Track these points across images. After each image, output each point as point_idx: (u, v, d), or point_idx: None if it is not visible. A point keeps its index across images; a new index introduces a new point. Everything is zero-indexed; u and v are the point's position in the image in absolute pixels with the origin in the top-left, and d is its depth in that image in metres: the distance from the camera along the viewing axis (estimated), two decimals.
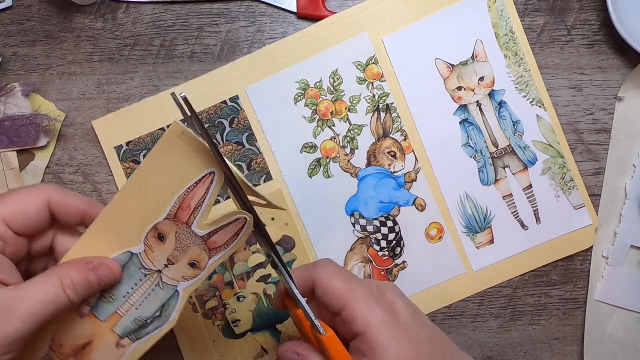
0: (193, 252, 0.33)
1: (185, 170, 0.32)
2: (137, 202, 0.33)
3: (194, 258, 0.34)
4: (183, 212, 0.33)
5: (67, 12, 0.50)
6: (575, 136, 0.50)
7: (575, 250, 0.50)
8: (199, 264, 0.34)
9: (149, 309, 0.34)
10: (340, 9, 0.49)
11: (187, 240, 0.33)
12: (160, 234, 0.33)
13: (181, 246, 0.33)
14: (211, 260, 0.34)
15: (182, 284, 0.34)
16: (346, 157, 0.49)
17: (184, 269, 0.34)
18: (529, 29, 0.49)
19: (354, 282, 0.34)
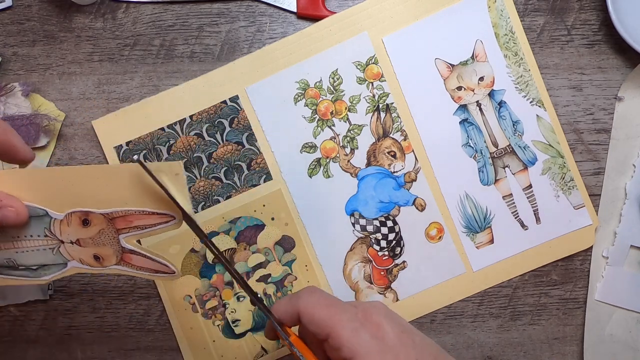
0: (105, 251, 0.34)
1: (148, 201, 0.33)
2: (87, 187, 0.33)
3: (102, 255, 0.34)
4: (121, 223, 0.33)
5: (67, 12, 0.50)
6: (575, 136, 0.50)
7: (575, 250, 0.50)
8: (103, 261, 0.34)
9: (28, 260, 0.34)
10: (340, 9, 0.49)
11: (107, 241, 0.34)
12: (86, 220, 0.33)
13: (98, 241, 0.34)
14: (117, 266, 0.34)
15: (76, 263, 0.34)
16: (346, 157, 0.49)
17: (86, 255, 0.34)
18: (529, 29, 0.49)
19: (338, 309, 0.34)
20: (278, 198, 0.49)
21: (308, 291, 0.36)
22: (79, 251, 0.34)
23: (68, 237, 0.34)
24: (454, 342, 0.50)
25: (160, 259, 0.35)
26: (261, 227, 0.49)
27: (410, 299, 0.49)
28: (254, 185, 0.49)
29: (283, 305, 0.35)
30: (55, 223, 0.34)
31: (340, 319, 0.33)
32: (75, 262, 0.34)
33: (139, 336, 0.50)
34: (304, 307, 0.34)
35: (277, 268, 0.49)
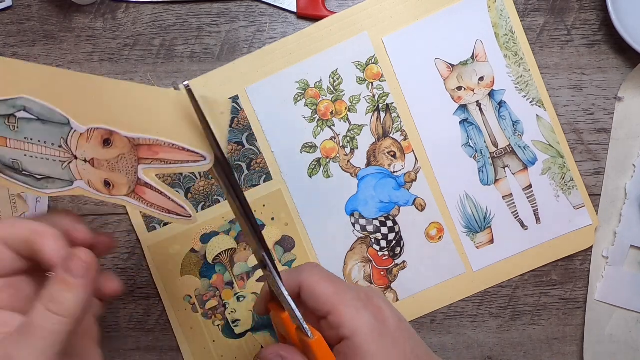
0: (118, 178, 0.31)
1: (182, 134, 0.30)
2: (118, 104, 0.30)
3: (114, 181, 0.31)
4: (145, 152, 0.30)
5: (67, 12, 0.50)
6: (575, 136, 0.50)
7: (575, 250, 0.50)
8: (112, 189, 0.31)
9: (35, 167, 0.31)
10: (340, 9, 0.49)
11: (124, 168, 0.31)
12: (108, 140, 0.30)
13: (114, 165, 0.31)
14: (126, 198, 0.31)
15: (83, 184, 0.31)
16: (346, 157, 0.49)
17: (97, 178, 0.31)
18: (529, 29, 0.49)
19: (342, 287, 0.33)
20: (278, 198, 0.49)
21: (310, 266, 0.35)
22: (90, 172, 0.31)
23: (83, 154, 0.31)
24: (454, 342, 0.50)
25: (178, 199, 0.32)
26: (261, 227, 0.49)
27: (410, 299, 0.49)
28: (254, 185, 0.49)
29: (284, 278, 0.34)
30: (74, 135, 0.30)
31: (343, 297, 0.33)
32: (83, 183, 0.31)
33: (139, 336, 0.50)
34: (306, 281, 0.33)
35: None
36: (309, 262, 0.36)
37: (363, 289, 0.35)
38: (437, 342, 0.50)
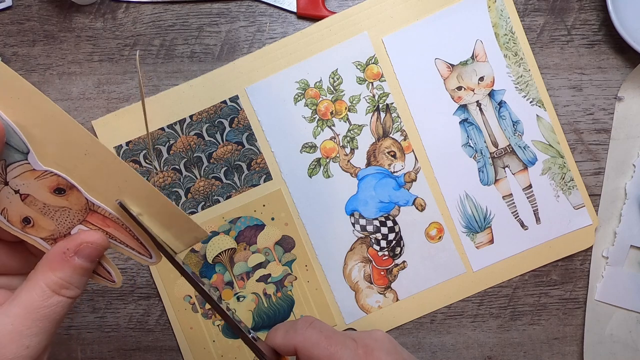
0: (46, 223, 0.29)
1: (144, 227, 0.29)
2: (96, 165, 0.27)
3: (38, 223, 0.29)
4: (96, 219, 0.29)
5: (67, 12, 0.50)
6: (575, 136, 0.50)
7: (575, 250, 0.50)
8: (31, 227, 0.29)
9: None
10: (340, 9, 0.49)
11: (60, 219, 0.29)
12: (62, 190, 0.28)
13: (50, 212, 0.28)
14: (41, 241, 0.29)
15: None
16: (346, 157, 0.49)
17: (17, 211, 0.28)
18: (529, 29, 0.49)
19: (337, 346, 0.32)
20: (278, 198, 0.49)
21: (305, 323, 0.34)
22: (14, 204, 0.28)
23: (19, 185, 0.27)
24: (454, 342, 0.50)
25: (106, 263, 0.30)
26: (261, 227, 0.49)
27: (410, 299, 0.49)
28: (254, 185, 0.49)
29: (280, 338, 0.34)
30: (22, 166, 0.27)
31: (339, 359, 0.32)
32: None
33: (139, 336, 0.50)
34: (301, 344, 0.33)
35: (277, 268, 0.49)
36: (304, 318, 0.35)
37: (362, 340, 0.34)
38: (437, 342, 0.50)
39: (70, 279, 0.28)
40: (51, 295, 0.27)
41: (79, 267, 0.28)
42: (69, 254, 0.28)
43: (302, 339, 0.33)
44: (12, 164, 0.27)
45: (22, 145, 0.27)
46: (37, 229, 0.29)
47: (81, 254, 0.28)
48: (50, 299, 0.27)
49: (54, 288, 0.28)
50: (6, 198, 0.28)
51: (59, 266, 0.28)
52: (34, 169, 0.27)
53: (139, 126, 0.49)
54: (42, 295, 0.27)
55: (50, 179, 0.27)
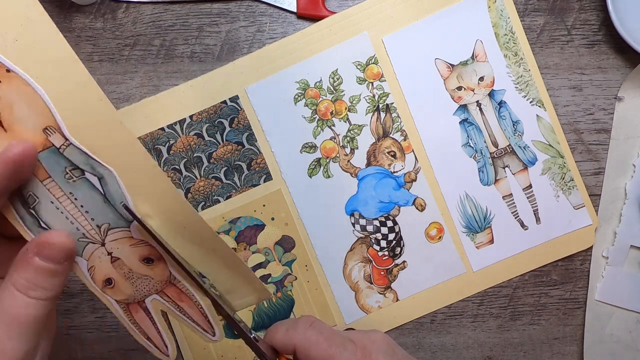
0: (125, 287, 0.30)
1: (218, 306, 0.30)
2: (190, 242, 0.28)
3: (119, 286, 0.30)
4: (171, 292, 0.30)
5: (67, 12, 0.50)
6: (575, 136, 0.50)
7: (575, 250, 0.50)
8: (111, 288, 0.30)
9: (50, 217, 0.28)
10: (340, 9, 0.49)
11: (139, 286, 0.29)
12: (150, 260, 0.29)
13: (132, 277, 0.29)
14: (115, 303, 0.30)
15: (82, 264, 0.29)
16: (346, 157, 0.49)
17: (102, 272, 0.29)
18: (529, 29, 0.49)
19: (336, 347, 0.32)
20: (278, 198, 0.49)
21: (306, 323, 0.34)
22: (103, 264, 0.29)
23: (114, 248, 0.28)
24: (454, 342, 0.50)
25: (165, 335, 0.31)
26: (261, 227, 0.49)
27: (410, 299, 0.49)
28: (254, 185, 0.49)
29: (280, 336, 0.34)
30: (122, 232, 0.28)
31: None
32: (84, 264, 0.29)
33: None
34: (300, 344, 0.33)
35: (277, 268, 0.49)
36: (305, 317, 0.35)
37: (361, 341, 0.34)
38: (437, 342, 0.50)
39: (34, 280, 0.27)
40: (20, 296, 0.27)
41: (42, 268, 0.27)
42: (29, 254, 0.27)
43: (302, 338, 0.33)
44: (114, 228, 0.28)
45: (127, 214, 0.28)
46: (115, 291, 0.29)
47: (42, 255, 0.27)
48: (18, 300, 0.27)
49: (20, 289, 0.27)
50: (98, 258, 0.29)
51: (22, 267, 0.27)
52: (132, 237, 0.28)
53: (139, 126, 0.49)
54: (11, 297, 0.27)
55: (143, 248, 0.28)
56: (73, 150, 0.26)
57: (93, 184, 0.27)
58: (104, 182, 0.27)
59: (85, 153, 0.26)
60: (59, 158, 0.26)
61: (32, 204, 0.27)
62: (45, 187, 0.27)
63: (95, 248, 0.28)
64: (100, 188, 0.27)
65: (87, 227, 0.28)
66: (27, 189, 0.27)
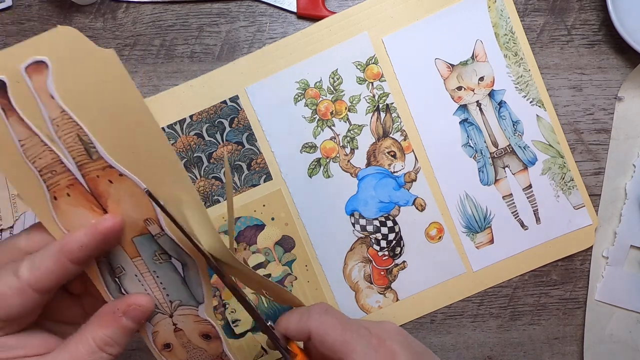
0: (181, 353, 0.33)
1: None
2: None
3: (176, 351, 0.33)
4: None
5: (67, 12, 0.50)
6: (575, 136, 0.50)
7: (575, 250, 0.50)
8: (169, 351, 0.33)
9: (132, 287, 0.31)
10: (340, 9, 0.49)
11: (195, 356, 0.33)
12: (208, 336, 0.32)
13: (189, 348, 0.33)
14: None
15: (148, 329, 0.32)
16: (346, 157, 0.49)
17: (164, 338, 0.32)
18: (529, 29, 0.49)
19: (352, 333, 0.33)
20: (278, 198, 0.49)
21: (319, 310, 0.34)
22: (166, 332, 0.32)
23: (180, 321, 0.31)
24: (454, 342, 0.50)
25: None
26: (261, 227, 0.49)
27: (410, 299, 0.49)
28: (254, 185, 0.49)
29: (293, 323, 0.34)
30: (190, 309, 0.31)
31: (353, 345, 0.32)
32: (150, 328, 0.32)
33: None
34: (315, 328, 0.33)
35: (277, 268, 0.49)
36: (319, 304, 0.35)
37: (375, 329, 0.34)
38: (437, 342, 0.50)
39: (115, 337, 0.29)
40: (96, 350, 0.29)
41: (125, 327, 0.29)
42: (118, 313, 0.29)
43: (317, 324, 0.33)
44: (184, 306, 0.31)
45: (201, 297, 0.31)
46: (171, 355, 0.32)
47: (129, 315, 0.29)
48: (94, 354, 0.29)
49: (100, 344, 0.29)
50: (163, 326, 0.32)
51: (108, 324, 0.29)
52: (197, 315, 0.31)
53: None
54: (88, 350, 0.28)
55: (205, 326, 0.32)
56: (166, 239, 0.29)
57: (176, 267, 0.30)
58: (186, 268, 0.31)
59: (176, 243, 0.29)
60: (152, 243, 0.29)
61: (118, 274, 0.30)
62: (133, 263, 0.30)
63: (163, 318, 0.32)
64: (182, 272, 0.31)
65: (161, 301, 0.31)
66: (117, 261, 0.30)
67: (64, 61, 0.24)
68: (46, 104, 0.25)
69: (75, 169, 0.27)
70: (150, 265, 0.30)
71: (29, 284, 0.27)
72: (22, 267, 0.27)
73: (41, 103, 0.25)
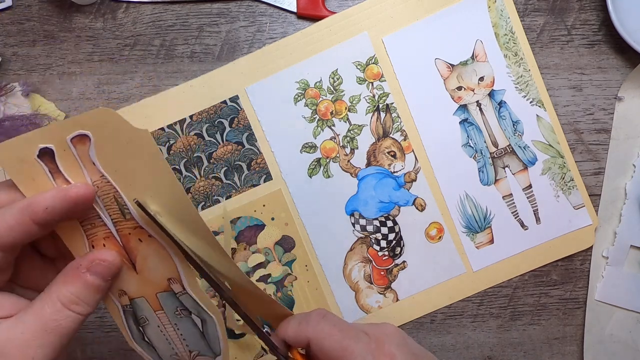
0: None
1: None
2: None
3: None
4: None
5: (67, 12, 0.50)
6: (575, 136, 0.50)
7: (575, 250, 0.50)
8: None
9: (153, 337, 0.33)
10: (340, 9, 0.49)
11: None
12: None
13: None
14: None
15: None
16: (346, 157, 0.49)
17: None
18: (529, 29, 0.49)
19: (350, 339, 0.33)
20: (278, 198, 0.49)
21: (318, 316, 0.34)
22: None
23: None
24: (454, 342, 0.50)
25: None
26: (261, 227, 0.49)
27: (410, 299, 0.49)
28: (254, 185, 0.49)
29: (292, 330, 0.34)
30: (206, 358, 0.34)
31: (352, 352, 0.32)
32: None
33: None
34: (314, 335, 0.33)
35: (277, 268, 0.49)
36: (317, 310, 0.35)
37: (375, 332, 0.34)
38: (437, 342, 0.50)
39: (80, 295, 0.29)
40: (61, 309, 0.28)
41: (90, 284, 0.29)
42: (81, 269, 0.29)
43: (316, 331, 0.33)
44: (202, 356, 0.34)
45: (218, 350, 0.34)
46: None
47: (93, 271, 0.29)
48: (60, 312, 0.28)
49: (65, 302, 0.28)
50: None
51: (72, 280, 0.29)
52: None
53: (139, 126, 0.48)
54: (53, 308, 0.28)
55: None
56: (187, 297, 0.32)
57: (196, 323, 0.33)
58: (205, 324, 0.33)
59: (196, 302, 0.32)
60: (174, 300, 0.32)
61: (142, 323, 0.33)
62: (156, 316, 0.32)
63: None
64: (201, 327, 0.33)
65: (181, 350, 0.34)
66: (142, 312, 0.32)
67: (104, 135, 0.28)
68: (88, 169, 0.29)
69: (110, 224, 0.30)
70: (172, 318, 0.33)
71: None
72: None
73: (84, 168, 0.29)
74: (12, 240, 0.27)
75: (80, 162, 0.29)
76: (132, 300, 0.32)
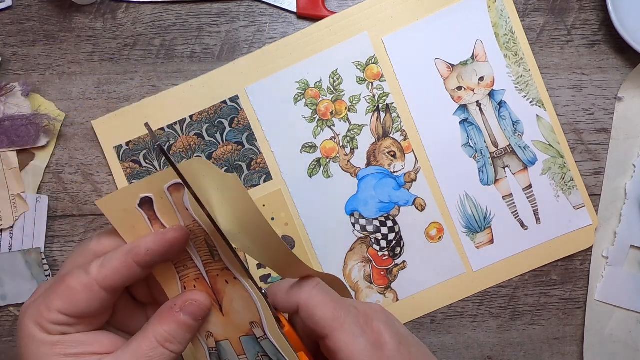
0: None
1: None
2: None
3: None
4: None
5: (67, 12, 0.50)
6: (575, 136, 0.50)
7: (575, 250, 0.50)
8: None
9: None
10: (340, 9, 0.49)
11: None
12: None
13: None
14: None
15: None
16: (346, 157, 0.49)
17: None
18: (529, 29, 0.49)
19: (341, 310, 0.33)
20: (278, 198, 0.49)
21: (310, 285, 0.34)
22: None
23: None
24: (454, 342, 0.50)
25: None
26: None
27: (410, 299, 0.49)
28: (254, 185, 0.49)
29: (282, 294, 0.34)
30: None
31: (341, 322, 0.32)
32: None
33: None
34: (304, 302, 0.33)
35: None
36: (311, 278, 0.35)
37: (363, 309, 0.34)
38: (437, 342, 0.50)
39: (174, 333, 0.30)
40: (157, 346, 0.30)
41: (183, 323, 0.31)
42: (175, 309, 0.31)
43: (308, 297, 0.33)
44: None
45: None
46: None
47: (186, 311, 0.31)
48: (155, 349, 0.30)
49: (160, 340, 0.30)
50: None
51: (167, 320, 0.31)
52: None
53: (139, 126, 0.49)
54: (150, 346, 0.30)
55: None
56: (268, 343, 0.33)
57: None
58: None
59: (276, 348, 0.33)
60: (255, 344, 0.33)
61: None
62: (239, 359, 0.33)
63: None
64: None
65: None
66: (226, 355, 0.33)
67: (196, 182, 0.30)
68: (182, 214, 0.31)
69: (201, 266, 0.32)
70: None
71: (97, 280, 0.29)
72: (92, 266, 0.29)
73: (178, 214, 0.31)
74: (116, 281, 0.29)
75: (175, 208, 0.31)
76: (218, 342, 0.33)
